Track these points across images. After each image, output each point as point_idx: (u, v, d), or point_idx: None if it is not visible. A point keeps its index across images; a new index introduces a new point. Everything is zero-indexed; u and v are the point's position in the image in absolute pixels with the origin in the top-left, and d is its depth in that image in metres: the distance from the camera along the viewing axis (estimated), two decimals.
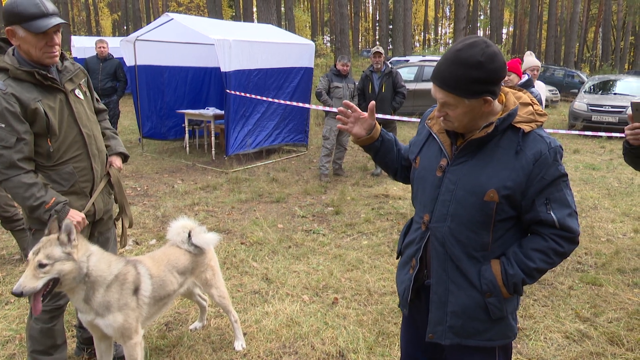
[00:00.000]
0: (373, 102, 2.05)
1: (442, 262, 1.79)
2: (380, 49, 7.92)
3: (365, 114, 2.00)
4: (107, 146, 2.88)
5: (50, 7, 2.37)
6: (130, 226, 3.03)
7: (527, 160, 1.66)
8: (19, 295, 2.16)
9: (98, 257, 2.46)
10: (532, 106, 1.75)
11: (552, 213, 1.69)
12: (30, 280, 2.18)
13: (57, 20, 2.37)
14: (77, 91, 2.64)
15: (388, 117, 7.43)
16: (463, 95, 1.61)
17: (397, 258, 2.11)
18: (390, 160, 2.10)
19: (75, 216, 2.50)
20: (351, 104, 2.03)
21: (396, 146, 2.11)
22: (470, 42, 1.60)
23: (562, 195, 1.70)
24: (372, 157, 2.12)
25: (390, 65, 8.05)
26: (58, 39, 2.45)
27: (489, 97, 1.63)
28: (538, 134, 1.71)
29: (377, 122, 2.05)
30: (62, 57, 2.60)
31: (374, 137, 2.02)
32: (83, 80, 2.73)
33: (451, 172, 1.75)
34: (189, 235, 2.99)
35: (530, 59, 5.75)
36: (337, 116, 2.03)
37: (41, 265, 2.21)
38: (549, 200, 1.69)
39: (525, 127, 1.69)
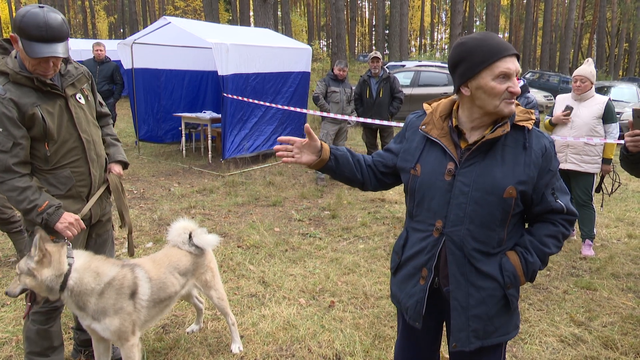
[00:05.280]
0: (307, 125, 1.94)
1: (460, 266, 1.78)
2: (378, 54, 7.94)
3: (306, 140, 1.93)
4: (106, 154, 2.88)
5: (55, 31, 2.31)
6: (129, 233, 3.04)
7: (536, 154, 1.75)
8: (6, 294, 2.37)
9: (81, 271, 2.42)
10: (519, 106, 1.85)
11: (559, 201, 1.81)
12: (13, 284, 2.37)
13: (54, 50, 2.32)
14: (78, 95, 2.64)
15: (385, 123, 7.46)
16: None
17: (393, 273, 2.03)
18: (350, 174, 2.02)
19: (68, 218, 2.50)
20: (287, 138, 1.95)
21: (353, 157, 2.03)
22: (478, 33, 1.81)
23: (560, 183, 1.84)
24: (332, 177, 2.05)
25: (387, 71, 8.08)
26: (56, 60, 2.40)
27: None
28: (537, 131, 1.82)
29: (322, 142, 1.98)
30: (66, 61, 2.61)
31: (325, 159, 1.95)
32: (86, 84, 2.73)
33: (462, 174, 1.76)
34: (190, 237, 3.00)
35: (581, 67, 5.05)
36: (278, 153, 1.95)
37: (17, 274, 2.35)
38: (554, 189, 1.81)
39: (528, 125, 1.77)
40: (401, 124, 7.12)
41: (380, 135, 8.20)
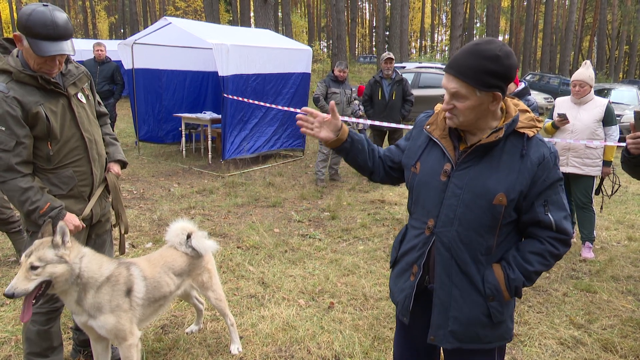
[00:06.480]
0: (333, 102, 2.01)
1: (446, 267, 1.80)
2: (392, 55, 7.82)
3: (329, 116, 1.98)
4: (106, 153, 2.88)
5: (62, 29, 2.33)
6: (125, 232, 3.05)
7: (532, 163, 1.72)
8: (11, 296, 2.18)
9: (89, 258, 2.47)
10: (529, 113, 1.81)
11: (549, 215, 1.75)
12: (22, 282, 2.21)
13: (61, 48, 2.34)
14: (79, 95, 2.64)
15: (393, 125, 7.41)
16: (476, 86, 1.65)
17: (390, 267, 2.09)
18: (362, 160, 2.06)
19: (71, 220, 2.51)
20: (311, 110, 2.00)
21: (369, 146, 2.08)
22: (488, 39, 1.68)
23: (558, 198, 1.77)
24: (344, 159, 2.08)
25: (400, 73, 8.02)
26: (62, 58, 2.43)
27: (499, 94, 1.68)
28: (539, 139, 1.78)
29: (343, 123, 2.02)
30: (67, 60, 2.61)
31: (342, 139, 1.99)
32: (86, 84, 2.74)
33: (457, 176, 1.77)
34: (188, 237, 3.00)
35: (579, 71, 4.99)
36: (298, 122, 2.00)
37: (33, 268, 2.23)
38: (547, 202, 1.75)
39: (529, 132, 1.75)
40: (409, 127, 7.12)
41: (391, 137, 8.14)
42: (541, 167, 1.72)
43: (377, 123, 7.51)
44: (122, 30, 46.88)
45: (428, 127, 1.91)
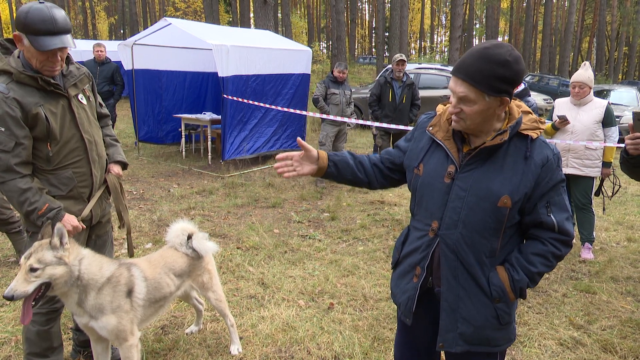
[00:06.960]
0: (299, 138, 2.01)
1: (452, 269, 1.79)
2: (404, 57, 7.76)
3: (302, 152, 2.00)
4: (106, 154, 2.88)
5: (61, 24, 2.34)
6: (128, 233, 3.05)
7: (535, 165, 1.72)
8: (10, 299, 2.18)
9: (89, 260, 2.47)
10: (531, 114, 1.81)
11: (552, 216, 1.76)
12: (21, 284, 2.21)
13: (62, 41, 2.35)
14: (80, 96, 2.65)
15: (402, 127, 7.39)
16: (485, 91, 1.64)
17: (392, 268, 2.09)
18: (352, 176, 2.06)
19: (70, 221, 2.51)
20: (284, 154, 2.00)
21: (355, 159, 2.07)
22: (497, 43, 1.67)
23: (561, 199, 1.78)
24: (336, 182, 2.09)
25: (410, 76, 7.96)
26: (63, 54, 2.44)
27: (507, 98, 1.68)
28: (542, 141, 1.78)
29: (319, 151, 2.03)
30: (68, 61, 2.61)
31: (323, 166, 2.01)
32: (87, 85, 2.74)
33: (460, 179, 1.76)
34: (188, 238, 3.01)
35: (579, 72, 4.98)
36: (278, 170, 2.00)
37: (32, 270, 2.23)
38: (550, 203, 1.76)
39: (532, 134, 1.75)
40: (408, 128, 7.10)
41: (396, 139, 8.12)
42: (545, 169, 1.73)
43: (384, 125, 7.50)
44: (122, 31, 46.89)
45: (431, 128, 1.90)
